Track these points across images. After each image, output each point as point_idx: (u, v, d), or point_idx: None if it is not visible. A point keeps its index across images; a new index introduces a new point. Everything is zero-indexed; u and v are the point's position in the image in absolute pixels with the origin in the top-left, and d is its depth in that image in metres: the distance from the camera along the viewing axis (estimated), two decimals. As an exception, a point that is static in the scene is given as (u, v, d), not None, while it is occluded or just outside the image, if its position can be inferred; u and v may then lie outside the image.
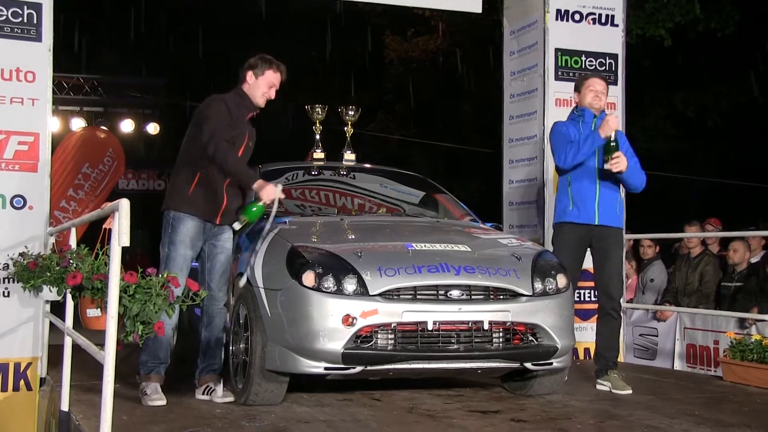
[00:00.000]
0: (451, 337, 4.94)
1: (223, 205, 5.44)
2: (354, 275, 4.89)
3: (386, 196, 6.77)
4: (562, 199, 6.02)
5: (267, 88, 5.52)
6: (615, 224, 5.99)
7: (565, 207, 5.98)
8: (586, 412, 5.08)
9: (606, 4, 7.97)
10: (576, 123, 6.03)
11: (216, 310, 5.46)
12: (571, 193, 5.94)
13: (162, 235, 5.40)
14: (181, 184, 5.39)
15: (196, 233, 5.37)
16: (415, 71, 21.25)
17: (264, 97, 5.54)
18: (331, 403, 5.18)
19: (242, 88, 5.52)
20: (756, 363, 6.08)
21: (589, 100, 5.98)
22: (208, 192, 5.37)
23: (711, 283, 8.87)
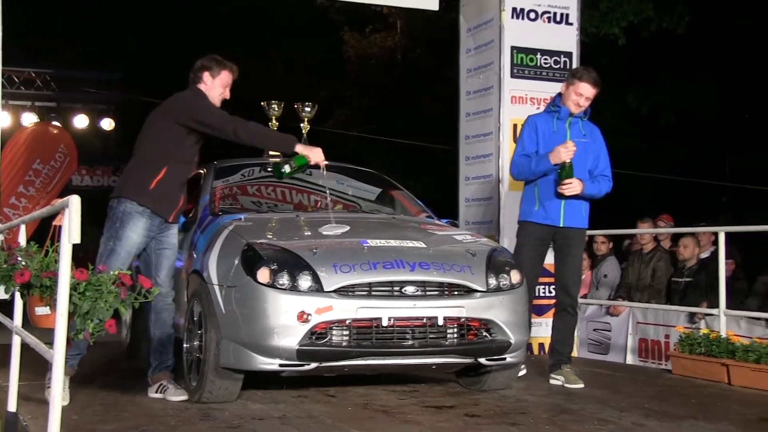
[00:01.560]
0: (405, 333, 4.96)
1: (179, 204, 5.43)
2: (309, 272, 4.89)
3: (343, 193, 6.76)
4: (529, 199, 6.04)
5: (223, 89, 5.52)
6: (579, 225, 6.03)
7: (530, 207, 6.00)
8: (539, 407, 5.13)
9: (561, 3, 8.04)
10: (551, 117, 6.01)
11: (164, 307, 5.42)
12: (537, 193, 5.97)
13: (106, 226, 5.30)
14: (143, 176, 5.31)
15: (146, 229, 5.30)
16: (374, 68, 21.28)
17: (220, 98, 5.53)
18: (286, 399, 5.18)
19: (200, 89, 5.49)
20: (703, 356, 6.18)
21: (570, 105, 5.93)
22: (169, 189, 5.33)
23: (663, 279, 9.00)
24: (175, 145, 5.33)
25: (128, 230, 5.24)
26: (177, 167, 5.35)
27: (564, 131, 5.89)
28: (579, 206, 5.96)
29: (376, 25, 20.60)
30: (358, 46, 20.81)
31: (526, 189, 6.07)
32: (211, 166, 6.53)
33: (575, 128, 5.93)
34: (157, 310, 5.41)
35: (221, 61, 5.53)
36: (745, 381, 5.84)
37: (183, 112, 5.35)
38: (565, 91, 5.98)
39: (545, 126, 5.97)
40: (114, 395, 5.30)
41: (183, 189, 5.48)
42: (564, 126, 5.94)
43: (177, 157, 5.34)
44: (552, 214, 5.92)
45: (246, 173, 6.64)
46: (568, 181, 5.73)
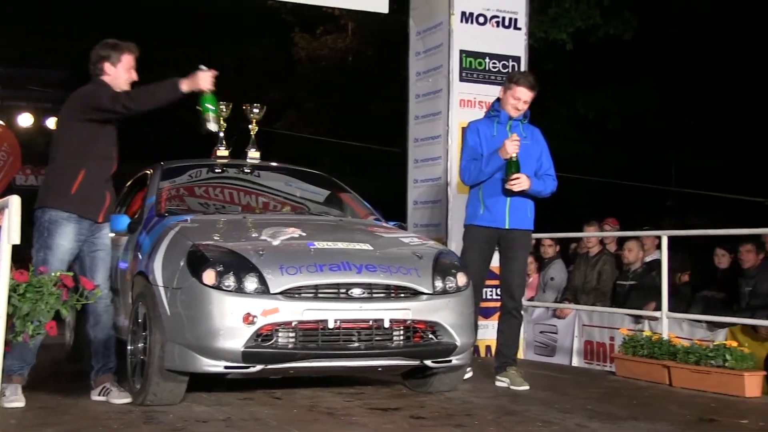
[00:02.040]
0: (352, 336, 4.96)
1: (105, 203, 5.34)
2: (255, 274, 4.87)
3: (291, 195, 6.76)
4: (474, 202, 6.08)
5: (128, 73, 5.38)
6: (524, 227, 6.09)
7: (476, 210, 6.05)
8: (484, 408, 5.16)
9: (509, 8, 8.11)
10: (491, 122, 6.07)
11: (102, 308, 5.35)
12: (482, 196, 6.01)
13: (35, 237, 5.17)
14: (63, 181, 5.19)
15: (75, 234, 5.20)
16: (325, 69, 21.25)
17: (128, 83, 5.39)
18: (231, 402, 5.15)
19: (103, 80, 5.34)
20: (646, 358, 6.28)
21: (509, 109, 6.00)
22: (92, 190, 5.23)
23: (608, 282, 9.12)
24: (89, 144, 5.21)
25: (57, 238, 5.14)
26: (95, 166, 5.24)
27: (505, 135, 5.95)
28: (524, 208, 6.02)
29: (328, 27, 20.58)
30: (309, 47, 20.77)
31: (472, 192, 6.11)
32: (158, 167, 6.48)
33: (516, 131, 5.99)
34: (96, 312, 5.33)
35: (118, 45, 5.37)
36: (685, 382, 5.94)
37: (83, 106, 5.23)
38: (503, 96, 6.05)
39: (486, 131, 6.04)
40: (56, 399, 5.23)
41: (107, 186, 5.36)
42: (504, 130, 6.00)
43: (93, 155, 5.23)
44: (497, 217, 5.97)
45: (194, 174, 6.61)
46: (516, 176, 5.79)
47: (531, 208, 6.09)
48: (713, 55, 16.62)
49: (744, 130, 18.12)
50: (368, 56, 19.39)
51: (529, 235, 6.20)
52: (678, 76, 17.15)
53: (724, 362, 5.76)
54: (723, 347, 5.88)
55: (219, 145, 6.90)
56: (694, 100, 17.62)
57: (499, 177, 5.92)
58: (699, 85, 17.22)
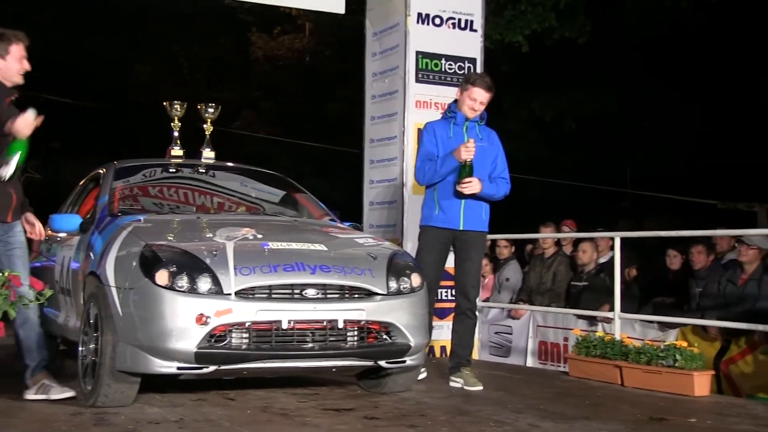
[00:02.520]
0: (306, 336, 4.95)
1: (12, 203, 5.25)
2: (208, 274, 4.84)
3: (246, 195, 6.74)
4: (429, 204, 6.10)
5: (20, 63, 5.24)
6: (479, 228, 6.12)
7: (431, 211, 6.07)
8: (438, 409, 5.18)
9: (465, 10, 8.14)
10: (448, 123, 6.09)
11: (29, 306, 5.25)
12: (437, 198, 6.03)
13: None
14: None
15: None
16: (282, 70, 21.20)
17: (20, 74, 5.25)
18: (184, 403, 5.12)
19: None
20: (598, 358, 6.34)
21: (465, 110, 6.03)
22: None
23: (563, 283, 9.21)
24: None
25: None
26: None
27: (461, 136, 5.98)
28: (479, 210, 6.05)
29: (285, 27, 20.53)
30: (266, 47, 20.71)
31: (427, 193, 6.14)
32: (110, 167, 6.42)
33: (472, 133, 6.02)
34: (23, 311, 5.23)
35: (5, 36, 5.21)
36: (636, 382, 6.01)
37: None
38: (459, 97, 6.07)
39: (443, 132, 6.06)
40: (4, 401, 5.15)
41: (11, 184, 5.21)
42: (461, 131, 6.03)
43: None
44: (452, 218, 6.00)
45: (147, 174, 6.55)
46: (468, 180, 5.81)
47: (486, 210, 6.12)
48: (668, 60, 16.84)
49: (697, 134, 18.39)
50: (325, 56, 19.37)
51: (484, 237, 6.23)
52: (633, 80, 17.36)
53: (675, 362, 5.85)
54: (673, 347, 5.96)
55: (173, 144, 6.86)
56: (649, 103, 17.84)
57: (453, 179, 5.94)
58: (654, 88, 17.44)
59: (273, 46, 20.61)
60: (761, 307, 7.11)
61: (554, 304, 9.00)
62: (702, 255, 8.12)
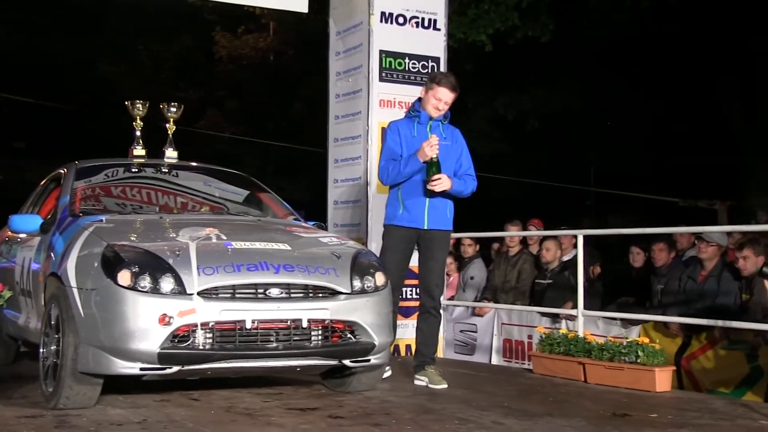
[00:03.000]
0: (270, 336, 4.94)
1: None
2: (171, 274, 4.82)
3: (209, 195, 6.70)
4: (393, 203, 6.10)
5: None
6: (443, 227, 6.13)
7: (395, 210, 6.07)
8: (402, 407, 5.19)
9: (429, 9, 8.16)
10: (411, 122, 6.09)
11: None
12: (401, 197, 6.04)
13: None
14: None
15: None
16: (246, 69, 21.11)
17: None
18: (148, 404, 5.08)
19: None
20: (561, 355, 6.39)
21: (429, 109, 6.04)
22: None
23: (527, 281, 9.26)
24: None
25: None
26: None
27: (425, 135, 5.99)
28: (443, 208, 6.07)
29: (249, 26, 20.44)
30: (230, 46, 20.60)
31: (391, 192, 6.14)
32: (72, 166, 6.36)
33: (436, 131, 6.04)
34: None
35: None
36: (599, 378, 6.07)
37: None
38: (424, 96, 6.08)
39: (406, 131, 6.06)
40: (-36, 404, 5.09)
41: None
42: (425, 130, 6.04)
43: None
44: (416, 217, 6.01)
45: (110, 174, 6.50)
46: (437, 177, 5.82)
47: (450, 209, 6.14)
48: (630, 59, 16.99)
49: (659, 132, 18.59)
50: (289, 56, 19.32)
51: (448, 236, 6.25)
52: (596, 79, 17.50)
53: (637, 358, 5.91)
54: (635, 344, 6.02)
55: (135, 144, 6.81)
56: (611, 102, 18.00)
57: (418, 178, 5.95)
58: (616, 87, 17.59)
59: (237, 45, 20.51)
60: (720, 303, 7.20)
61: (519, 302, 9.05)
62: (663, 252, 8.21)
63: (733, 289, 7.28)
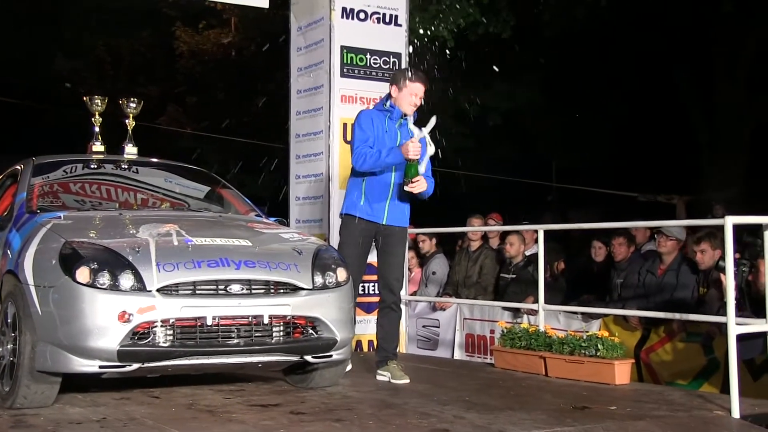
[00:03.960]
0: (231, 332, 4.93)
1: None
2: (131, 271, 4.79)
3: (170, 191, 6.66)
4: (355, 193, 6.05)
5: None
6: (402, 224, 6.14)
7: (356, 200, 6.03)
8: (364, 402, 5.20)
9: (390, 4, 8.16)
10: (383, 116, 6.06)
11: None
12: (364, 188, 6.01)
13: None
14: None
15: None
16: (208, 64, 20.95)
17: None
18: (107, 402, 5.04)
19: None
20: (523, 350, 6.43)
21: (406, 107, 6.02)
22: None
23: (489, 276, 9.30)
24: None
25: None
26: None
27: (394, 132, 6.00)
28: (403, 206, 6.08)
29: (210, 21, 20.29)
30: (192, 42, 20.43)
31: (353, 183, 6.08)
32: (29, 162, 6.28)
33: (404, 130, 6.04)
34: None
35: None
36: (560, 372, 6.11)
37: None
38: (398, 94, 6.04)
39: (379, 123, 6.03)
40: None
41: None
42: (395, 127, 6.04)
43: None
44: (376, 212, 6.01)
45: (68, 170, 6.43)
46: (417, 179, 5.82)
47: (408, 206, 6.15)
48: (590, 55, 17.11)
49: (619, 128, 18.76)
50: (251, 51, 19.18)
51: (406, 232, 6.26)
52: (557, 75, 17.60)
53: (596, 352, 5.96)
54: (595, 337, 6.07)
55: (94, 140, 6.76)
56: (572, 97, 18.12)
57: (385, 176, 5.95)
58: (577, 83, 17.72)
59: (198, 40, 20.32)
60: (679, 297, 7.29)
61: (480, 296, 9.09)
62: (623, 246, 8.28)
63: (691, 282, 7.38)
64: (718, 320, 6.17)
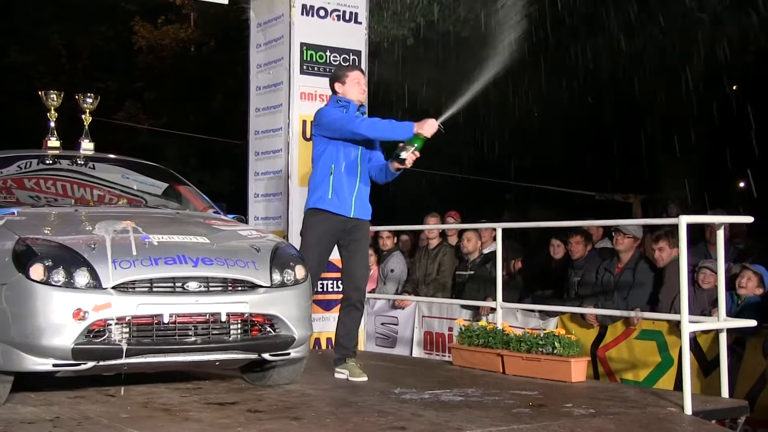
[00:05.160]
0: (188, 330, 4.90)
1: None
2: (86, 268, 4.74)
3: (127, 187, 6.59)
4: (322, 186, 6.00)
5: None
6: (366, 217, 6.14)
7: (323, 194, 5.99)
8: (322, 400, 5.20)
9: (350, 2, 8.15)
10: (340, 111, 6.03)
11: None
12: (332, 181, 5.98)
13: None
14: None
15: None
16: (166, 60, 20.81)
17: None
18: (61, 401, 4.97)
19: None
20: (481, 347, 6.46)
21: (357, 95, 6.07)
22: None
23: (447, 273, 9.32)
24: None
25: None
26: None
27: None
28: (366, 198, 6.10)
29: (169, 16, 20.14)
30: (150, 36, 20.26)
31: (319, 175, 6.02)
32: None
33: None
34: None
35: None
36: (517, 370, 6.15)
37: None
38: (343, 87, 6.08)
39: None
40: None
41: None
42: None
43: None
44: (344, 205, 5.98)
45: (23, 165, 6.34)
46: (417, 155, 5.79)
47: (368, 201, 6.16)
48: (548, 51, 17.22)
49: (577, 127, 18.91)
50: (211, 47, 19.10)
51: (369, 226, 6.26)
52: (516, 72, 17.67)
53: (553, 350, 6.00)
54: (552, 335, 6.11)
55: (50, 135, 6.67)
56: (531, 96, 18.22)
57: (350, 163, 5.96)
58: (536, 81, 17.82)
59: (157, 35, 20.18)
60: (635, 294, 7.36)
61: (439, 294, 9.11)
62: (580, 245, 8.34)
63: (648, 280, 7.46)
64: (672, 318, 6.25)
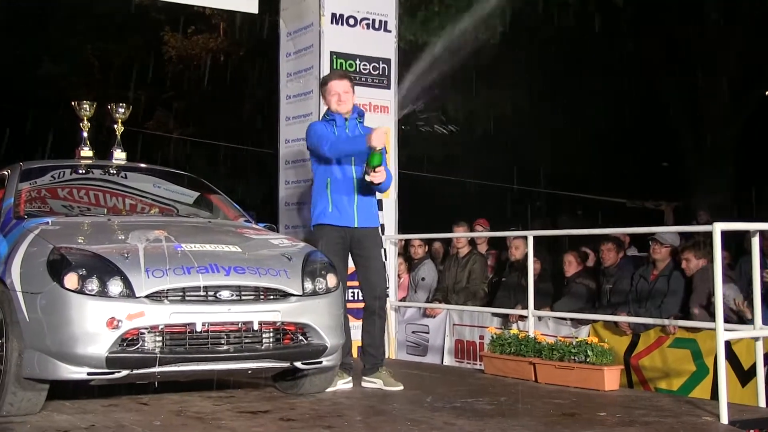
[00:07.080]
0: (220, 339, 4.91)
1: None
2: (120, 277, 4.77)
3: (159, 196, 6.63)
4: (321, 201, 6.03)
5: None
6: (373, 224, 6.12)
7: (324, 209, 6.01)
8: (354, 409, 5.19)
9: (379, 11, 8.18)
10: (329, 126, 6.06)
11: None
12: (330, 195, 5.99)
13: None
14: None
15: None
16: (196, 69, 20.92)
17: None
18: (95, 409, 5.01)
19: None
20: (512, 356, 6.43)
21: (334, 107, 6.05)
22: None
23: (477, 281, 9.30)
24: None
25: None
26: None
27: (345, 136, 5.99)
28: (371, 205, 6.08)
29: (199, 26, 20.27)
30: (180, 46, 20.39)
31: (317, 190, 6.06)
32: (16, 167, 6.24)
33: (355, 129, 6.07)
34: None
35: None
36: (549, 378, 6.11)
37: None
38: (325, 100, 6.13)
39: (330, 130, 6.03)
40: None
41: None
42: (344, 131, 6.04)
43: None
44: (346, 216, 5.98)
45: (56, 175, 6.40)
46: (380, 169, 5.78)
47: (376, 205, 6.16)
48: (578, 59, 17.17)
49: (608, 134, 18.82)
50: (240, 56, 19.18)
51: (378, 232, 6.23)
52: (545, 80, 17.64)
53: (586, 358, 5.96)
54: (585, 343, 6.07)
55: (83, 145, 6.73)
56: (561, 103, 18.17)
57: (345, 174, 5.96)
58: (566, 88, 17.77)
59: (187, 45, 20.30)
60: (669, 302, 7.30)
61: (470, 302, 9.08)
62: (611, 252, 8.28)
63: (681, 288, 7.39)
64: (708, 326, 6.18)
